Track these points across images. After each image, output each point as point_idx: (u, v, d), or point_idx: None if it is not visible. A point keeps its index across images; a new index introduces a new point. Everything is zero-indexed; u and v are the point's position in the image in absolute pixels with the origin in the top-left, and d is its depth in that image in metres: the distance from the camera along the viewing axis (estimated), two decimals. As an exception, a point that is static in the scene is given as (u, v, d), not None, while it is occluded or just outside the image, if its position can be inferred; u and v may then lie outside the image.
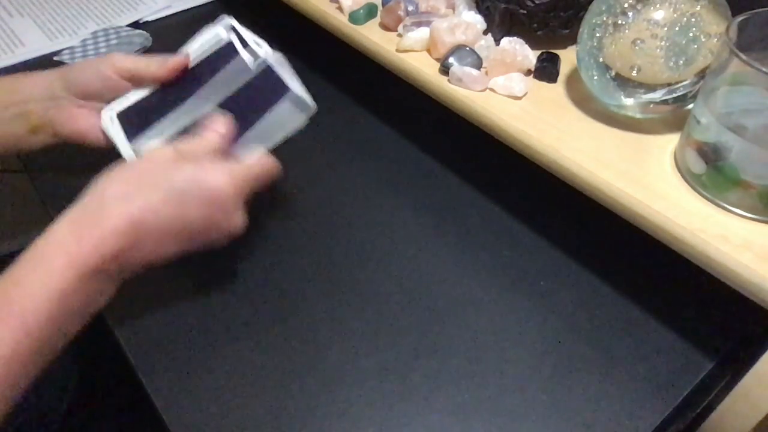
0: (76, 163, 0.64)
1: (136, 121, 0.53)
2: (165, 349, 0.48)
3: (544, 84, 0.54)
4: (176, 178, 0.44)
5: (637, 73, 0.46)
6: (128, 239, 0.42)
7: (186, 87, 0.53)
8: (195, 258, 0.54)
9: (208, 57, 0.54)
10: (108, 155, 0.63)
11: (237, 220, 0.47)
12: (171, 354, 0.47)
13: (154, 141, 0.51)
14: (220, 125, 0.49)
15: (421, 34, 0.56)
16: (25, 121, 0.54)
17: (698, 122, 0.43)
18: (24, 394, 0.40)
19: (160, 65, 0.54)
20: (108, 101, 0.55)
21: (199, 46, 0.55)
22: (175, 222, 0.44)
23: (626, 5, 0.45)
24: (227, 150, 0.49)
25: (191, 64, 0.54)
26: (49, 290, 0.39)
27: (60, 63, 0.73)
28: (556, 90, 0.53)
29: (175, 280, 0.52)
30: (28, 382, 0.40)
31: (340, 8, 0.63)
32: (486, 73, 0.54)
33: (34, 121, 0.54)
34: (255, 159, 0.48)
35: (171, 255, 0.45)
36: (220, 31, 0.55)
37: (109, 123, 0.54)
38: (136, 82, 0.55)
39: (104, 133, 0.54)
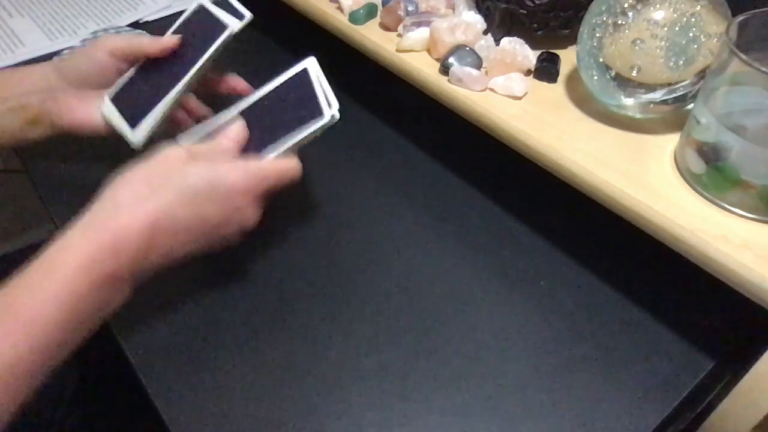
0: (77, 164, 0.64)
1: (136, 103, 0.54)
2: (165, 350, 0.48)
3: (544, 84, 0.54)
4: (189, 177, 0.44)
5: (637, 73, 0.46)
6: (144, 243, 0.42)
7: (180, 63, 0.54)
8: (195, 258, 0.54)
9: (188, 25, 0.55)
10: (109, 155, 0.64)
11: (251, 215, 0.47)
12: (171, 354, 0.47)
13: (156, 122, 0.53)
14: (234, 133, 0.49)
15: (421, 34, 0.56)
16: (22, 113, 0.54)
17: (698, 122, 0.43)
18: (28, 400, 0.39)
19: (153, 42, 0.54)
20: (106, 86, 0.55)
21: (181, 21, 0.56)
22: (191, 222, 0.44)
23: (626, 5, 0.45)
24: (243, 153, 0.50)
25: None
26: (60, 298, 0.39)
27: (60, 63, 0.73)
28: (556, 90, 0.53)
29: (175, 281, 0.52)
30: (33, 388, 0.39)
31: (340, 8, 0.63)
32: (486, 73, 0.54)
33: (31, 113, 0.54)
34: (273, 158, 0.49)
35: (187, 254, 0.45)
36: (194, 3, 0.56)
37: (109, 109, 0.54)
38: (131, 61, 0.55)
39: (105, 121, 0.54)
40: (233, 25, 0.52)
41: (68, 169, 0.63)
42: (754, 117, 0.42)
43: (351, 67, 0.70)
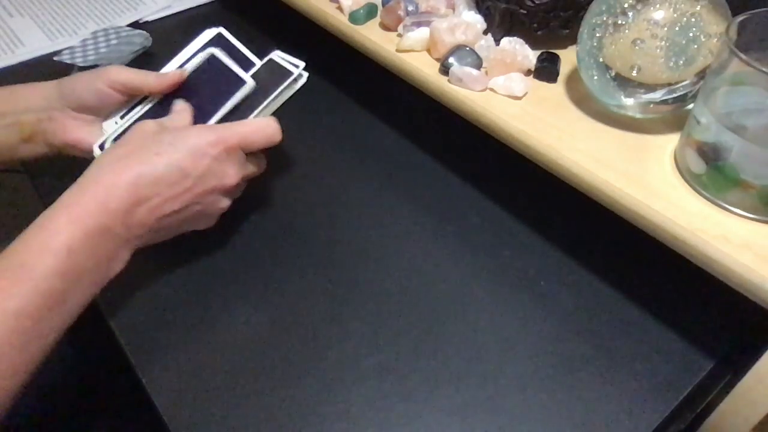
0: (76, 164, 0.64)
1: None
2: (165, 350, 0.48)
3: (544, 84, 0.54)
4: (164, 138, 0.48)
5: (637, 73, 0.46)
6: (129, 193, 0.44)
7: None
8: (195, 257, 0.54)
9: (198, 71, 0.56)
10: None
11: (228, 168, 0.49)
12: (171, 354, 0.47)
13: None
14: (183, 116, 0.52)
15: (421, 34, 0.56)
16: (17, 130, 0.55)
17: (698, 122, 0.43)
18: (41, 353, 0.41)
19: (158, 79, 0.55)
20: (103, 113, 0.56)
21: (193, 61, 0.56)
22: (170, 172, 0.46)
23: (626, 5, 0.45)
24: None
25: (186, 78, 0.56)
26: (55, 247, 0.42)
27: (60, 63, 0.73)
28: (556, 90, 0.53)
29: (176, 281, 0.52)
30: (42, 345, 0.41)
31: (340, 8, 0.63)
32: (486, 73, 0.54)
33: (27, 130, 0.55)
34: (246, 121, 0.52)
35: (177, 211, 0.47)
36: (213, 50, 0.56)
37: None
38: (131, 95, 0.56)
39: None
40: (249, 82, 0.53)
41: (68, 169, 0.63)
42: (754, 117, 0.42)
43: (351, 67, 0.70)
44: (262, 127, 0.51)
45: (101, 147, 0.54)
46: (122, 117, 0.56)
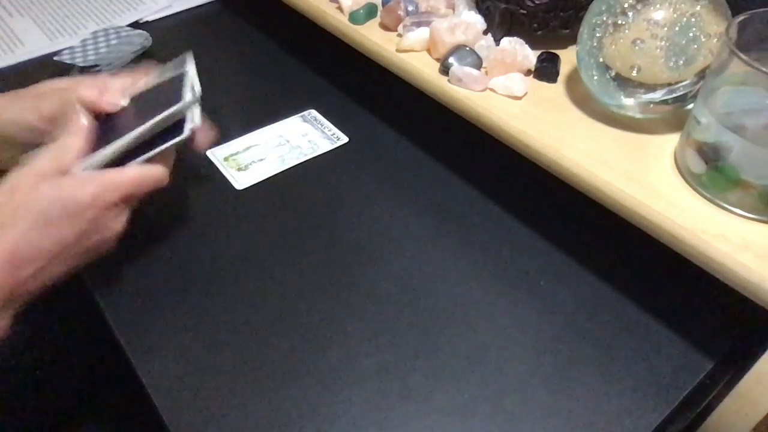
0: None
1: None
2: (165, 349, 0.48)
3: (544, 84, 0.54)
4: (39, 202, 0.43)
5: (637, 73, 0.46)
6: (7, 274, 0.42)
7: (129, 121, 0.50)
8: (195, 258, 0.54)
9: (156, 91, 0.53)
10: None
11: (111, 223, 0.46)
12: (171, 354, 0.47)
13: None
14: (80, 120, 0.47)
15: (421, 34, 0.56)
16: (11, 146, 0.52)
17: (698, 122, 0.43)
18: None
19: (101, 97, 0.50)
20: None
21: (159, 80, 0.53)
22: (52, 246, 0.44)
23: (626, 5, 0.45)
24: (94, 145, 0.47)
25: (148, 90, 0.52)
26: None
27: (60, 63, 0.73)
28: (556, 90, 0.53)
29: (176, 282, 0.52)
30: None
31: (340, 8, 0.63)
32: (486, 73, 0.54)
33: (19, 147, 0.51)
34: (132, 167, 0.47)
35: (56, 276, 0.45)
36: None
37: None
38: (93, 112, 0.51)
39: None
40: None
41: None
42: (754, 117, 0.42)
43: (351, 67, 0.70)
44: (146, 177, 0.47)
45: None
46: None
